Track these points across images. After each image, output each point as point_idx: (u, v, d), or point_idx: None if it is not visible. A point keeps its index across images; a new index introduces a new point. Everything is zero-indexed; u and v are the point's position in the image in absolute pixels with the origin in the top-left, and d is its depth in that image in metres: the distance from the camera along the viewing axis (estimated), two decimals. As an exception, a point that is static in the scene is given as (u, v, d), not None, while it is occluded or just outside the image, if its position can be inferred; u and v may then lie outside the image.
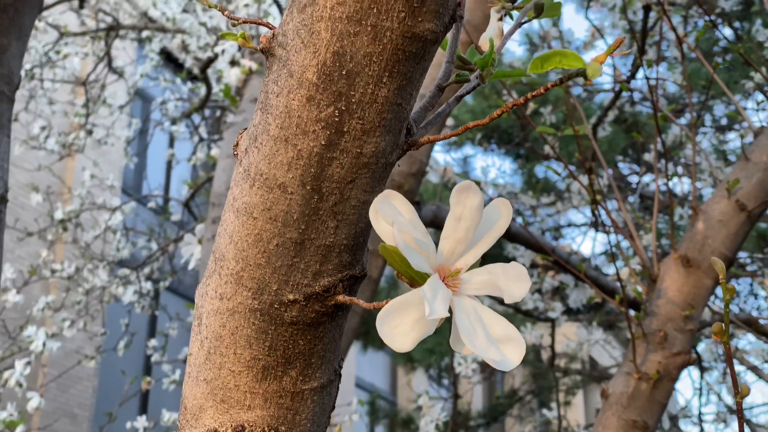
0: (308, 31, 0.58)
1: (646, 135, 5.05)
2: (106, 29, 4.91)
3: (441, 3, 0.58)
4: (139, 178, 8.11)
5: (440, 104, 1.86)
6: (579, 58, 0.55)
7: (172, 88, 5.85)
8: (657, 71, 2.39)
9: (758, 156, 1.91)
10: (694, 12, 4.18)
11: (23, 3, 1.32)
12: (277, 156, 0.60)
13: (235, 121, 3.09)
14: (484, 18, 2.50)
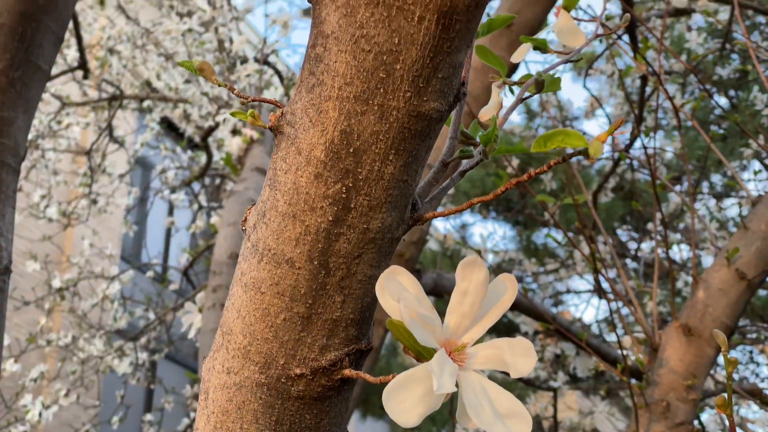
0: (316, 110, 0.59)
1: (645, 203, 5.08)
2: (108, 99, 4.97)
3: (446, 83, 0.60)
4: (138, 247, 8.11)
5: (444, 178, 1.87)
6: (581, 138, 0.56)
7: (172, 157, 5.90)
8: (655, 140, 2.42)
9: (756, 225, 1.92)
10: (691, 80, 4.24)
11: (31, 77, 1.35)
12: (285, 231, 0.61)
13: (236, 190, 3.11)
14: (483, 89, 2.53)
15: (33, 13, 1.36)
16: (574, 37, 1.05)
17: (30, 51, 1.35)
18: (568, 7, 1.09)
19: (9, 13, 1.33)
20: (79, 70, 4.04)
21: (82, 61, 3.72)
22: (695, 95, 5.44)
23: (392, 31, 0.57)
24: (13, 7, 1.34)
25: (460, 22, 0.58)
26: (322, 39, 0.59)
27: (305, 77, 0.60)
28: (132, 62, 5.09)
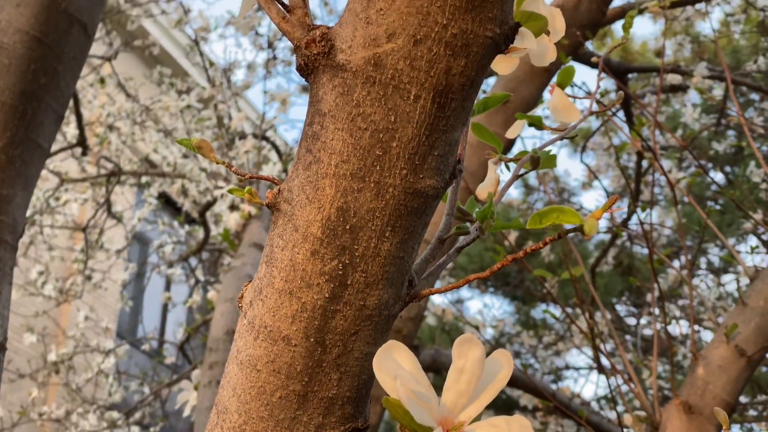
0: (313, 188, 0.60)
1: (644, 278, 5.07)
2: (107, 175, 5.00)
3: (442, 160, 0.60)
4: (134, 322, 8.07)
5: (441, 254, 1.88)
6: (576, 215, 0.56)
7: (169, 232, 5.90)
8: (651, 215, 2.43)
9: (755, 301, 1.92)
10: (687, 155, 4.28)
11: (31, 155, 1.36)
12: (282, 308, 0.61)
13: (234, 265, 3.11)
14: (480, 165, 2.55)
15: (34, 91, 1.37)
16: (568, 114, 1.07)
17: (30, 129, 1.36)
18: (562, 85, 1.10)
19: (10, 92, 1.35)
20: (78, 147, 4.06)
21: (81, 138, 3.75)
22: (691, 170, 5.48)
23: (388, 110, 0.58)
24: (15, 86, 1.35)
25: (455, 101, 0.59)
26: (319, 117, 0.60)
27: (302, 155, 0.61)
28: (131, 138, 5.14)
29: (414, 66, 0.58)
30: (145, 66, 6.79)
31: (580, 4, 2.51)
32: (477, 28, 0.58)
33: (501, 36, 0.59)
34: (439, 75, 0.58)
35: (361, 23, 0.58)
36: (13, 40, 1.38)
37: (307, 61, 0.60)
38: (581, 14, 2.52)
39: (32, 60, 1.39)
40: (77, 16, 1.46)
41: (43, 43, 1.41)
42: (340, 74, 0.59)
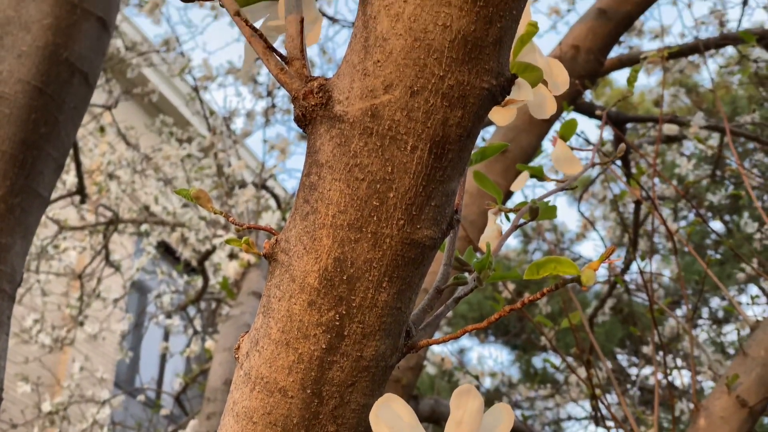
0: (310, 238, 0.60)
1: (643, 327, 5.05)
2: (105, 223, 5.00)
3: (439, 211, 0.60)
4: (132, 372, 8.01)
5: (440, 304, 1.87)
6: (573, 266, 0.56)
7: (167, 281, 5.89)
8: (651, 264, 2.43)
9: (756, 351, 1.91)
10: (684, 205, 4.29)
11: (30, 203, 1.36)
12: (278, 360, 0.61)
13: (232, 314, 3.10)
14: (479, 213, 2.56)
15: (35, 141, 1.38)
16: (571, 165, 1.07)
17: (30, 178, 1.37)
18: (564, 136, 1.11)
19: (11, 141, 1.36)
20: (77, 195, 4.07)
21: (80, 187, 3.76)
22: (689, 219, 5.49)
23: (385, 161, 0.58)
24: (16, 136, 1.36)
25: (452, 152, 0.59)
26: (316, 168, 0.60)
27: (299, 205, 0.61)
28: (131, 187, 5.15)
29: (411, 117, 0.58)
30: (146, 114, 6.83)
31: (578, 55, 2.53)
32: (473, 79, 0.58)
33: (498, 87, 0.60)
34: (436, 126, 0.58)
35: (359, 75, 0.59)
36: (15, 90, 1.39)
37: (304, 111, 0.61)
38: (579, 65, 2.55)
39: (33, 110, 1.40)
40: (78, 66, 1.47)
41: (45, 93, 1.42)
42: (338, 125, 0.59)
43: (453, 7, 0.57)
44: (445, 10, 0.57)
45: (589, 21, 2.61)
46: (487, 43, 0.58)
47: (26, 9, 1.45)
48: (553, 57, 2.62)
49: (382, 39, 0.58)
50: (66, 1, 1.47)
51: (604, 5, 2.65)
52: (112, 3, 1.56)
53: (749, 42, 2.56)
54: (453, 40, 0.57)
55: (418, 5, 0.57)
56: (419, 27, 0.57)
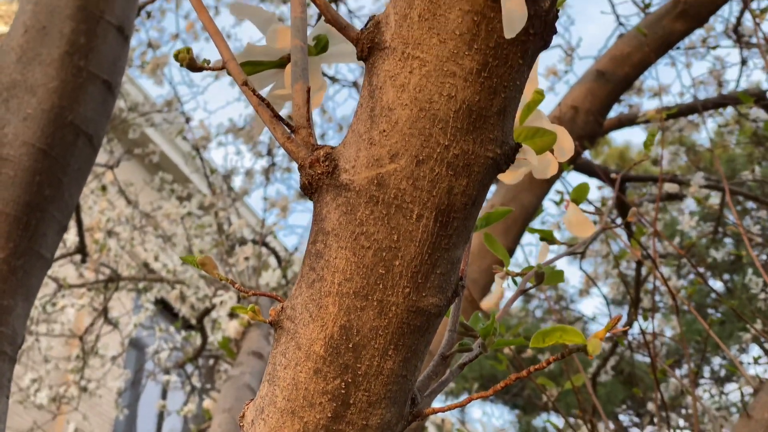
0: (316, 306, 0.60)
1: (646, 387, 5.02)
2: (105, 281, 4.99)
3: (444, 278, 0.60)
4: (129, 430, 7.93)
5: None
6: (579, 335, 0.57)
7: (165, 337, 5.85)
8: (653, 324, 2.42)
9: (759, 413, 1.89)
10: (685, 263, 4.28)
11: (33, 265, 1.36)
12: (284, 428, 0.61)
13: (232, 374, 3.08)
14: (481, 272, 2.56)
15: (38, 203, 1.39)
16: (583, 228, 1.08)
17: (33, 240, 1.37)
18: (577, 200, 1.12)
19: (15, 204, 1.36)
20: (78, 255, 4.07)
21: (81, 246, 3.76)
22: (691, 276, 5.48)
23: (391, 229, 0.59)
24: (20, 198, 1.37)
25: (457, 220, 0.60)
26: (322, 236, 0.60)
27: (306, 272, 0.61)
28: (130, 244, 5.15)
29: (416, 186, 0.59)
30: (146, 171, 6.86)
31: (577, 116, 2.56)
32: (478, 148, 0.59)
33: (502, 156, 0.61)
34: (441, 195, 0.59)
35: (365, 144, 0.59)
36: (20, 152, 1.40)
37: (311, 180, 0.61)
38: (578, 126, 2.57)
39: (37, 172, 1.41)
40: (83, 129, 1.48)
41: (49, 156, 1.43)
42: (344, 193, 0.60)
43: (458, 77, 0.58)
44: (450, 81, 0.58)
45: (588, 83, 2.64)
46: (491, 113, 0.59)
47: (32, 72, 1.47)
48: (553, 117, 2.65)
49: (387, 109, 0.59)
50: (72, 64, 1.49)
51: (602, 67, 2.68)
52: (117, 66, 1.58)
53: (747, 103, 2.59)
54: (458, 110, 0.58)
55: (424, 76, 0.58)
56: (424, 97, 0.58)
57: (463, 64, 0.58)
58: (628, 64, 2.69)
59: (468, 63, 0.58)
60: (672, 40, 2.79)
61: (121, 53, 1.60)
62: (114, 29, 1.57)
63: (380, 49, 0.60)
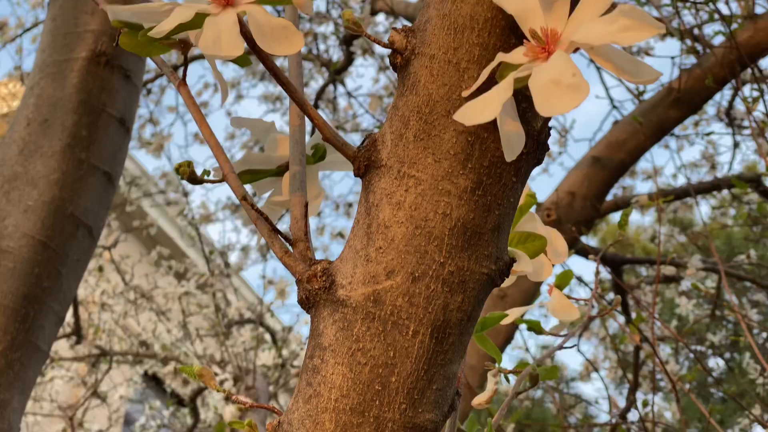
0: (313, 422, 0.60)
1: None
2: (97, 355, 4.94)
3: (440, 394, 0.61)
4: None
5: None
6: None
7: (155, 414, 5.77)
8: (653, 407, 2.40)
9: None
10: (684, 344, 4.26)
11: (30, 357, 1.36)
12: None
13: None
14: (479, 357, 2.55)
15: (37, 295, 1.39)
16: (568, 313, 1.08)
17: (31, 332, 1.37)
18: (560, 286, 1.12)
19: (13, 296, 1.37)
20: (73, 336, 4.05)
21: (77, 327, 3.74)
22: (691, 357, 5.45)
23: (387, 345, 0.59)
24: (18, 290, 1.37)
25: (453, 336, 0.60)
26: (319, 351, 0.61)
27: (302, 387, 0.62)
28: (124, 317, 5.12)
29: (412, 302, 0.59)
30: (143, 245, 6.85)
31: (574, 201, 2.58)
32: (473, 265, 0.60)
33: (497, 272, 0.61)
34: (437, 311, 0.60)
35: (361, 260, 0.60)
36: (19, 244, 1.41)
37: (308, 295, 0.62)
38: (575, 211, 2.59)
39: (36, 264, 1.41)
40: (83, 220, 1.50)
41: (49, 247, 1.44)
42: (341, 309, 0.60)
43: (452, 196, 0.59)
44: (445, 199, 0.59)
45: (584, 168, 2.67)
46: (485, 230, 0.60)
47: (34, 164, 1.49)
48: (550, 203, 2.68)
49: (384, 226, 0.60)
50: (73, 156, 1.51)
51: (598, 153, 2.71)
52: (118, 157, 1.60)
53: (741, 189, 2.61)
54: (453, 227, 0.59)
55: (419, 194, 0.59)
56: (420, 215, 0.59)
57: (457, 182, 0.59)
58: (624, 150, 2.72)
59: (462, 182, 0.59)
60: (666, 126, 2.83)
61: (122, 144, 1.62)
62: (115, 121, 1.60)
63: (376, 167, 0.61)
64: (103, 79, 1.59)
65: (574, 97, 0.51)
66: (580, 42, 0.53)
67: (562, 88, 0.52)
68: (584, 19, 0.55)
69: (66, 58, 1.58)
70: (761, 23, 2.84)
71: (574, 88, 0.51)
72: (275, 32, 0.59)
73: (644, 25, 0.50)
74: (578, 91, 0.51)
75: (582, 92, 0.51)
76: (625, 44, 0.51)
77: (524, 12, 0.57)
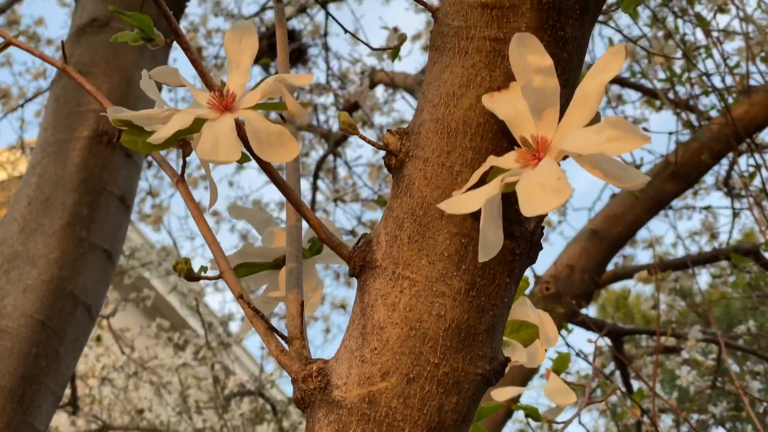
0: None
1: None
2: (97, 430, 4.89)
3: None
4: None
5: None
6: None
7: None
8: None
9: None
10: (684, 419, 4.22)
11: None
12: None
13: None
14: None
15: (34, 375, 1.39)
16: (564, 397, 1.08)
17: (27, 413, 1.36)
18: (558, 370, 1.12)
19: (11, 376, 1.37)
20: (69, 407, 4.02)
21: (73, 398, 3.72)
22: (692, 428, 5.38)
23: (382, 447, 0.59)
24: (16, 370, 1.37)
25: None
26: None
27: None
28: (124, 391, 5.08)
29: (407, 404, 0.59)
30: (143, 315, 6.83)
31: (573, 274, 2.58)
32: (468, 366, 0.60)
33: (491, 372, 0.62)
34: (432, 412, 0.60)
35: (356, 361, 0.61)
36: (18, 324, 1.41)
37: (303, 395, 0.62)
38: (574, 284, 2.59)
39: (35, 343, 1.41)
40: (82, 299, 1.50)
41: (47, 327, 1.44)
42: (336, 410, 0.60)
43: (447, 297, 0.60)
44: (439, 301, 0.60)
45: (583, 242, 2.68)
46: (480, 330, 0.61)
47: (34, 243, 1.50)
48: (549, 276, 2.68)
49: (378, 327, 0.60)
50: (74, 235, 1.52)
51: (596, 226, 2.72)
52: (118, 235, 1.61)
53: (740, 262, 2.62)
54: (447, 329, 0.60)
55: (414, 296, 0.60)
56: (415, 317, 0.60)
57: (451, 284, 0.60)
58: (622, 223, 2.74)
59: (456, 283, 0.60)
60: (664, 199, 2.85)
61: (123, 222, 1.64)
62: (116, 199, 1.61)
63: (371, 268, 0.62)
64: (104, 158, 1.60)
65: (556, 198, 0.52)
66: (569, 151, 0.54)
67: (546, 191, 0.53)
68: (572, 126, 0.56)
69: (68, 137, 1.61)
70: (756, 98, 2.87)
71: (557, 190, 0.52)
72: (271, 138, 0.60)
73: (630, 136, 0.52)
74: (560, 194, 0.52)
75: (564, 195, 0.52)
76: (612, 155, 0.52)
77: (515, 118, 0.59)
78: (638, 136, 0.51)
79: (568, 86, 0.60)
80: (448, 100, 0.61)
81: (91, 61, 1.67)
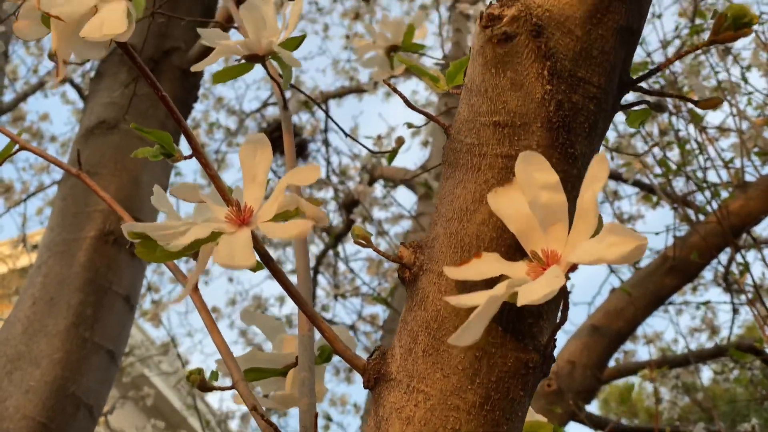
0: None
1: None
2: None
3: None
4: None
5: None
6: None
7: None
8: None
9: None
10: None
11: None
12: None
13: None
14: None
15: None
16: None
17: None
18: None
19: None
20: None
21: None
22: None
23: None
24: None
25: None
26: None
27: None
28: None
29: None
30: (141, 412, 6.74)
31: (575, 370, 2.57)
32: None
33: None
34: None
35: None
36: (19, 426, 1.40)
37: None
38: (576, 381, 2.57)
39: (35, 446, 1.40)
40: (84, 400, 1.49)
41: (49, 428, 1.43)
42: None
43: (461, 411, 0.60)
44: (454, 415, 0.60)
45: (584, 337, 2.67)
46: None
47: (37, 344, 1.50)
48: (551, 373, 2.65)
49: (394, 441, 0.60)
50: (77, 335, 1.52)
51: (596, 322, 2.72)
52: (122, 335, 1.61)
53: (741, 359, 2.61)
54: (464, 443, 0.60)
55: (428, 409, 0.60)
56: (429, 430, 0.60)
57: (466, 398, 0.60)
58: (622, 319, 2.73)
59: (471, 397, 0.60)
60: (663, 294, 2.85)
61: (127, 322, 1.64)
62: (121, 299, 1.61)
63: (386, 381, 0.62)
64: (110, 258, 1.61)
65: (549, 292, 0.53)
66: (576, 262, 0.55)
67: (541, 285, 0.54)
68: (579, 239, 0.57)
69: (74, 236, 1.62)
70: (752, 192, 2.90)
71: (551, 285, 0.53)
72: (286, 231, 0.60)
73: (628, 239, 0.53)
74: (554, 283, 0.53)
75: (556, 286, 0.53)
76: (612, 259, 0.53)
77: (525, 232, 0.60)
78: (634, 238, 0.53)
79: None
80: (461, 215, 0.62)
81: (99, 161, 1.70)
